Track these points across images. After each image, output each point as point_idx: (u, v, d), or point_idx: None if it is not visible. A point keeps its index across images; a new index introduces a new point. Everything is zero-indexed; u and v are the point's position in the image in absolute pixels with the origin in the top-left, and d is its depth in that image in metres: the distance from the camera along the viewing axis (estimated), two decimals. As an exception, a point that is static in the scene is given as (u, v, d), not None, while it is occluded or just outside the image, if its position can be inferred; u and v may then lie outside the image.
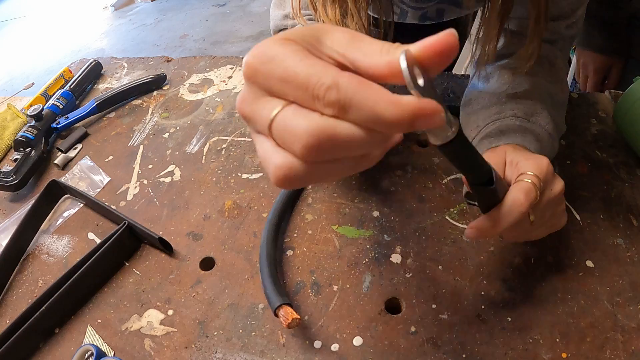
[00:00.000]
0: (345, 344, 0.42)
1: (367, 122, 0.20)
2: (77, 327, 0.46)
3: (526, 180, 0.37)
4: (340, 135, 0.20)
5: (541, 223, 0.40)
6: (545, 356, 0.40)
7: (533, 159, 0.39)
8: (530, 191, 0.36)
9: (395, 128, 0.20)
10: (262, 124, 0.22)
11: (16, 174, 0.61)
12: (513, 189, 0.37)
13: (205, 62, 0.81)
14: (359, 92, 0.20)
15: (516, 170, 0.39)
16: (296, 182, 0.22)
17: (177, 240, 0.52)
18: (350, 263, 0.48)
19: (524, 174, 0.38)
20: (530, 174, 0.37)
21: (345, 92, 0.20)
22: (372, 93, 0.20)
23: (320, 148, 0.20)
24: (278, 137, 0.22)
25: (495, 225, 0.37)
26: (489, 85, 0.51)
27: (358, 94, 0.20)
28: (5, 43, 3.23)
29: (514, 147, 0.43)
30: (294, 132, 0.20)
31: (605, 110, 0.63)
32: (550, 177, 0.39)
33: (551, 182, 0.39)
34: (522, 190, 0.36)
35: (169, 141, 0.66)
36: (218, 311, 0.46)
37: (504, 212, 0.36)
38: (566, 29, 0.51)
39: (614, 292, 0.44)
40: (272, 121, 0.22)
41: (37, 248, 0.55)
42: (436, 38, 0.21)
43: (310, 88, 0.20)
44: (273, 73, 0.21)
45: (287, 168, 0.21)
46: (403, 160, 0.58)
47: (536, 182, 0.37)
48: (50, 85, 0.77)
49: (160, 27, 3.12)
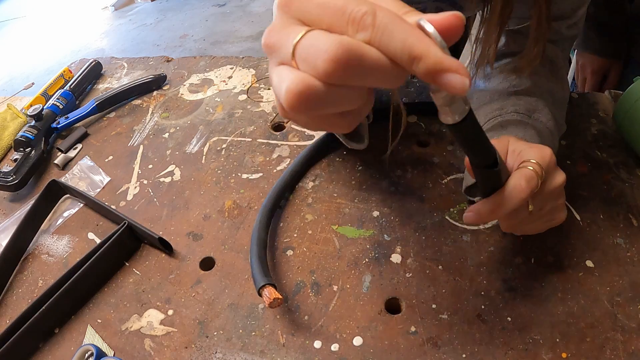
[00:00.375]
0: (345, 344, 0.42)
1: (396, 52, 0.20)
2: (77, 327, 0.46)
3: (528, 167, 0.37)
4: (367, 57, 0.20)
5: (540, 215, 0.40)
6: (545, 356, 0.40)
7: (536, 148, 0.39)
8: (532, 178, 0.36)
9: (421, 65, 0.21)
10: (287, 47, 0.22)
11: (16, 174, 0.61)
12: (515, 174, 0.37)
13: (205, 62, 0.81)
14: (394, 22, 0.20)
15: (519, 158, 0.39)
16: (309, 102, 0.21)
17: (177, 240, 0.52)
18: (350, 263, 0.48)
19: (527, 161, 0.38)
20: (532, 162, 0.37)
21: (381, 19, 0.20)
22: (407, 27, 0.20)
23: (347, 65, 0.20)
24: (302, 57, 0.21)
25: (495, 209, 0.37)
26: (490, 84, 0.51)
27: (393, 23, 0.20)
28: (5, 43, 3.23)
29: (517, 137, 0.43)
30: (323, 47, 0.20)
31: (605, 110, 0.63)
32: (553, 167, 0.39)
33: (553, 173, 0.39)
34: (524, 176, 0.36)
35: (169, 141, 0.66)
36: (218, 311, 0.46)
37: (504, 197, 0.36)
38: (567, 29, 0.51)
39: (614, 292, 0.44)
40: (298, 42, 0.21)
41: (37, 248, 0.55)
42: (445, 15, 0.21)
43: (347, 12, 0.20)
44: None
45: (305, 84, 0.21)
46: (403, 160, 0.58)
47: (538, 170, 0.37)
48: (50, 85, 0.77)
49: (160, 27, 3.12)
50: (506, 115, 0.47)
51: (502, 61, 0.52)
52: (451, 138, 0.60)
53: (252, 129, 0.66)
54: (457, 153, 0.58)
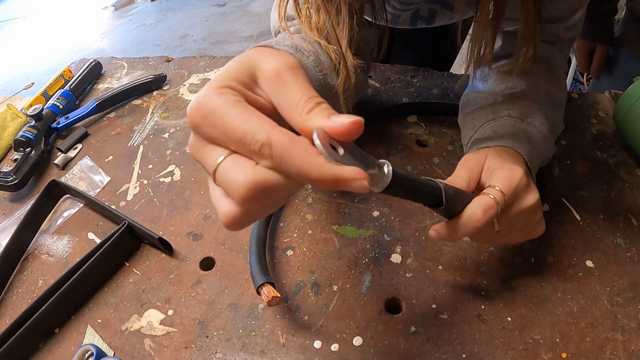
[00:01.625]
0: (345, 344, 0.42)
1: (295, 176, 0.23)
2: (77, 327, 0.46)
3: (490, 195, 0.38)
4: (272, 185, 0.23)
5: (512, 232, 0.40)
6: (545, 356, 0.40)
7: (507, 170, 0.40)
8: (490, 207, 0.37)
9: (320, 185, 0.23)
10: (209, 171, 0.25)
11: (16, 174, 0.61)
12: (474, 202, 0.38)
13: (205, 62, 0.81)
14: (288, 150, 0.22)
15: (489, 178, 0.40)
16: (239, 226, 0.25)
17: (177, 240, 0.52)
18: (350, 263, 0.48)
19: (490, 187, 0.39)
20: (495, 189, 0.38)
21: (276, 149, 0.22)
22: (300, 152, 0.22)
23: (256, 198, 0.23)
24: (222, 184, 0.24)
25: (452, 234, 0.38)
26: (487, 86, 0.51)
27: (288, 152, 0.22)
28: (5, 43, 3.23)
29: (498, 152, 0.43)
30: (233, 185, 0.23)
31: (605, 110, 0.63)
32: (522, 190, 0.39)
33: (522, 195, 0.39)
34: (481, 206, 0.37)
35: (169, 141, 0.66)
36: (218, 311, 0.46)
37: (460, 224, 0.38)
38: (565, 32, 0.51)
39: (614, 292, 0.44)
40: (214, 171, 0.24)
41: (37, 248, 0.55)
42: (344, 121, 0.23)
43: (247, 144, 0.23)
44: (214, 127, 0.24)
45: (231, 216, 0.25)
46: (403, 160, 0.58)
47: (499, 198, 0.38)
48: (50, 85, 0.77)
49: (160, 27, 3.12)
50: (499, 120, 0.47)
51: (499, 62, 0.53)
52: (451, 138, 0.60)
53: (252, 129, 0.65)
54: (457, 153, 0.58)
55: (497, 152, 0.43)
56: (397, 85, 0.69)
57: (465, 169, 0.41)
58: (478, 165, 0.42)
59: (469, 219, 0.37)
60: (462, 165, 0.42)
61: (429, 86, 0.68)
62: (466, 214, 0.37)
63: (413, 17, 0.57)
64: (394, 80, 0.70)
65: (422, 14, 0.56)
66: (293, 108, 0.25)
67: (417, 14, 0.57)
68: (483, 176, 0.41)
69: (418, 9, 0.56)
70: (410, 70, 0.71)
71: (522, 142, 0.45)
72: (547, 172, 0.55)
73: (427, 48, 0.86)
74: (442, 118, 0.63)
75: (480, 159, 0.42)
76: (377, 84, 0.70)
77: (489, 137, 0.46)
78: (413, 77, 0.70)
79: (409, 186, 0.33)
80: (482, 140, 0.46)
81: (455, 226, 0.38)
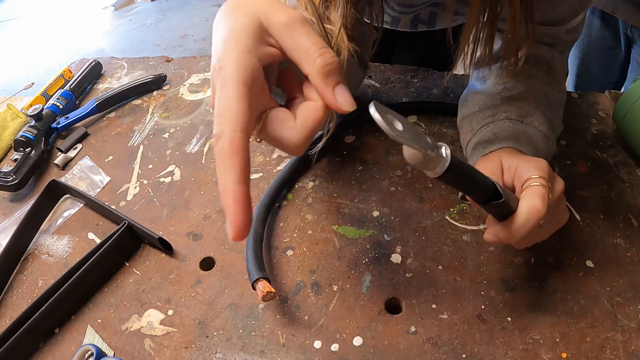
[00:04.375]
0: (345, 344, 0.42)
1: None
2: (77, 327, 0.46)
3: (536, 184, 0.37)
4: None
5: (547, 224, 0.39)
6: (545, 356, 0.40)
7: (533, 162, 0.39)
8: (545, 195, 0.36)
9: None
10: None
11: (16, 174, 0.61)
12: (527, 194, 0.36)
13: (205, 62, 0.81)
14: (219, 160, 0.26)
15: (516, 175, 0.39)
16: None
17: (177, 240, 0.52)
18: (350, 263, 0.48)
19: (532, 178, 0.37)
20: (537, 177, 0.37)
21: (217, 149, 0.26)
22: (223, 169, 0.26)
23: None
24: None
25: (513, 235, 0.37)
26: (485, 86, 0.51)
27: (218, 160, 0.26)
28: (5, 43, 3.23)
29: (509, 151, 0.43)
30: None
31: (605, 110, 0.63)
32: (552, 176, 0.39)
33: (554, 182, 0.39)
34: (538, 195, 0.36)
35: (169, 141, 0.66)
36: (218, 311, 0.46)
37: (522, 221, 0.36)
38: (566, 34, 0.51)
39: (614, 292, 0.44)
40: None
41: (37, 248, 0.55)
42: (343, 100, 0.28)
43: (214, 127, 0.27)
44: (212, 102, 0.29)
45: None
46: (403, 160, 0.58)
47: (545, 185, 0.37)
48: (50, 85, 0.77)
49: (160, 27, 3.12)
50: (498, 123, 0.47)
51: (498, 64, 0.52)
52: (451, 138, 0.60)
53: (252, 129, 0.65)
54: (457, 153, 0.58)
55: (508, 152, 0.43)
56: (397, 85, 0.69)
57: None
58: (496, 168, 0.41)
59: (531, 211, 0.35)
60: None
61: (429, 86, 0.68)
62: (524, 208, 0.36)
63: (414, 20, 0.57)
64: (394, 80, 0.70)
65: (423, 18, 0.56)
66: (303, 54, 0.27)
67: (417, 18, 0.57)
68: (506, 177, 0.40)
69: (418, 13, 0.56)
70: (410, 70, 0.71)
71: (524, 143, 0.44)
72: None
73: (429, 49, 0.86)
74: (442, 118, 0.63)
75: (495, 162, 0.41)
76: (377, 84, 0.70)
77: (489, 141, 0.46)
78: (413, 77, 0.70)
79: (467, 173, 0.31)
80: (484, 145, 0.46)
81: (514, 224, 0.36)
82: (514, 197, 0.37)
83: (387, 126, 0.22)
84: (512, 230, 0.37)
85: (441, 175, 0.27)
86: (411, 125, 0.25)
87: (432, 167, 0.27)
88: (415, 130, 0.25)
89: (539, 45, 0.51)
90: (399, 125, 0.23)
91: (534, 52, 0.50)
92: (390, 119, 0.23)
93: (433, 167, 0.27)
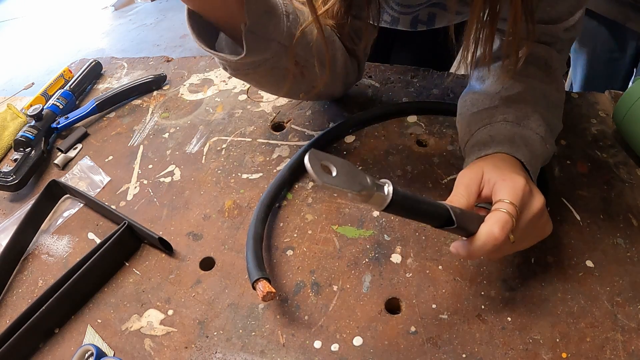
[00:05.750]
0: (345, 344, 0.42)
1: None
2: (77, 327, 0.46)
3: (502, 210, 0.37)
4: None
5: (523, 239, 0.40)
6: (545, 356, 0.40)
7: (509, 181, 0.39)
8: (506, 222, 0.37)
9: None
10: None
11: (16, 174, 0.61)
12: (489, 219, 0.37)
13: (205, 62, 0.81)
14: None
15: (493, 191, 0.40)
16: None
17: (177, 240, 0.52)
18: (350, 263, 0.48)
19: (500, 201, 0.38)
20: (506, 202, 0.38)
21: None
22: None
23: None
24: None
25: (472, 254, 0.38)
26: (484, 87, 0.51)
27: None
28: (5, 43, 3.23)
29: (493, 162, 0.43)
30: None
31: (605, 110, 0.63)
32: (528, 197, 0.39)
33: (529, 202, 0.39)
34: (498, 222, 0.37)
35: (169, 141, 0.66)
36: (218, 311, 0.46)
37: (478, 244, 0.37)
38: (564, 32, 0.51)
39: (614, 292, 0.44)
40: None
41: (37, 248, 0.55)
42: None
43: None
44: None
45: None
46: (403, 160, 0.58)
47: (512, 211, 0.37)
48: (50, 85, 0.77)
49: (160, 27, 3.12)
50: (495, 125, 0.46)
51: (496, 63, 0.52)
52: (451, 138, 0.60)
53: (252, 129, 0.66)
54: (457, 153, 0.58)
55: (493, 163, 0.42)
56: (397, 85, 0.69)
57: (462, 185, 0.41)
58: (475, 180, 0.41)
59: (488, 238, 0.37)
60: (459, 182, 0.42)
61: (429, 86, 0.68)
62: (483, 233, 0.37)
63: (413, 21, 0.57)
64: (394, 80, 0.70)
65: (422, 18, 0.56)
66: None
67: (416, 18, 0.57)
68: (485, 189, 0.41)
69: (417, 14, 0.56)
70: (410, 70, 0.71)
71: (519, 147, 0.44)
72: (548, 172, 0.55)
73: (427, 47, 0.86)
74: (442, 118, 0.63)
75: (476, 173, 0.42)
76: (377, 84, 0.70)
77: (485, 143, 0.46)
78: (413, 77, 0.70)
79: (412, 206, 0.32)
80: (480, 147, 0.46)
81: (473, 246, 0.37)
82: (477, 218, 0.38)
83: (316, 175, 0.23)
84: (470, 250, 0.38)
85: (384, 209, 0.29)
86: (352, 166, 0.26)
87: (374, 203, 0.29)
88: (355, 171, 0.27)
89: (537, 44, 0.51)
90: (333, 171, 0.24)
91: (533, 51, 0.50)
92: (325, 165, 0.24)
93: (374, 203, 0.29)
